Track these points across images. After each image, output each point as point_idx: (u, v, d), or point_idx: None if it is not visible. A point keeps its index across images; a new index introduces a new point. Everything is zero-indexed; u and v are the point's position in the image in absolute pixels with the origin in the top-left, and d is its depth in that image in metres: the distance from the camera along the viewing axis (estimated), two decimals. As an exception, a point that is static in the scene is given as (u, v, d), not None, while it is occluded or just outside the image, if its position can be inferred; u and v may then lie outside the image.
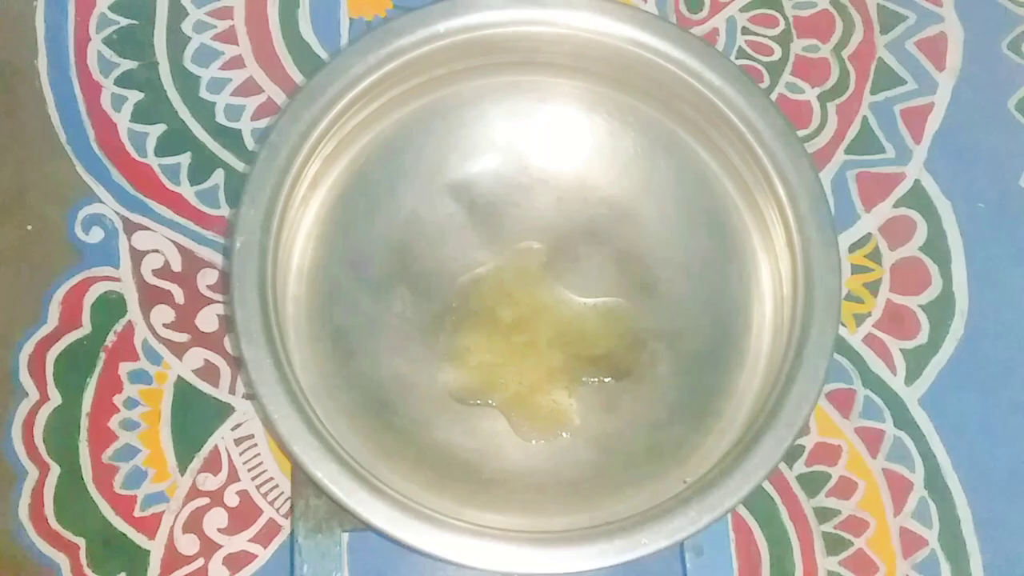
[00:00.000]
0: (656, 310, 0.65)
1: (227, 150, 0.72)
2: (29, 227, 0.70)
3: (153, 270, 0.69)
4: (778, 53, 0.75)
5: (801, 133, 0.73)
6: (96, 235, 0.70)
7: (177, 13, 0.74)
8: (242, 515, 0.65)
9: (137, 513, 0.65)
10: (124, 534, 0.65)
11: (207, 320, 0.69)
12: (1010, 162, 0.74)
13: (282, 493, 0.66)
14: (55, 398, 0.67)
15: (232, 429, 0.67)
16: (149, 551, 0.65)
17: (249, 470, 0.66)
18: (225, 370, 0.68)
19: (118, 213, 0.70)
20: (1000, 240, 0.72)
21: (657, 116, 0.65)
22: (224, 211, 0.70)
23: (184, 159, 0.71)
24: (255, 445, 0.66)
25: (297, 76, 0.73)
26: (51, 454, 0.66)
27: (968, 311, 0.70)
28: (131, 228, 0.70)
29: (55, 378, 0.67)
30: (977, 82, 0.75)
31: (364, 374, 0.62)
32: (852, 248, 0.71)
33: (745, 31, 0.75)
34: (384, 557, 0.62)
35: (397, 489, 0.55)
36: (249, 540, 0.65)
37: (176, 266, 0.69)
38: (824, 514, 0.66)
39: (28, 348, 0.67)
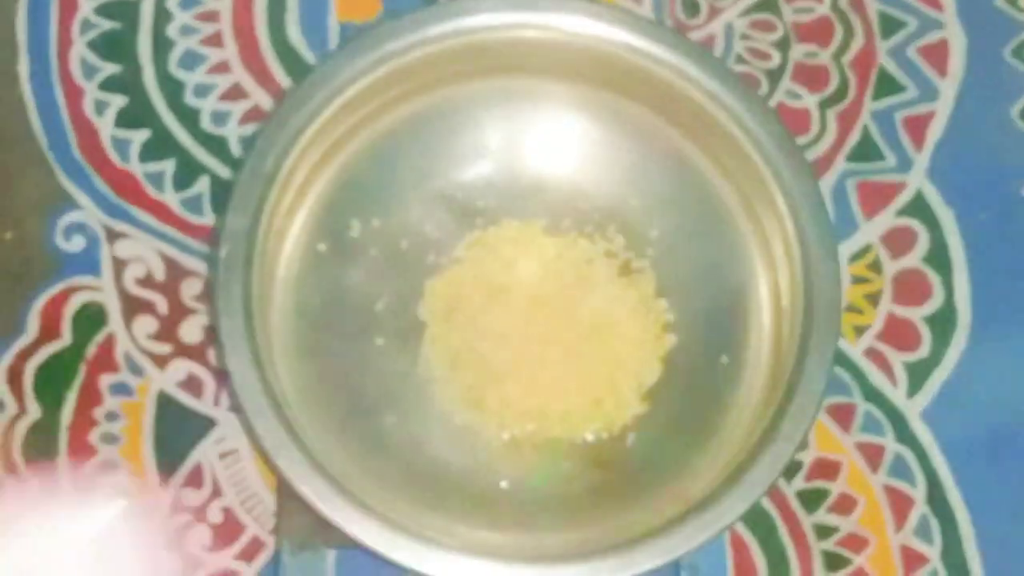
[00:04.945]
0: (652, 321, 0.65)
1: (213, 157, 0.71)
2: (8, 235, 0.69)
3: (136, 279, 0.68)
4: (777, 59, 0.74)
5: (800, 141, 0.72)
6: (77, 243, 0.69)
7: (162, 17, 0.73)
8: (226, 531, 0.64)
9: (118, 529, 0.64)
10: (104, 551, 0.64)
11: (191, 331, 0.67)
12: (1013, 171, 0.73)
13: (267, 509, 0.65)
14: (34, 411, 0.66)
15: (215, 443, 0.66)
16: (130, 569, 0.63)
17: (233, 485, 0.65)
18: (209, 382, 0.67)
19: (100, 221, 0.69)
20: (1003, 250, 0.71)
21: (653, 122, 0.65)
22: (209, 219, 0.70)
23: (168, 166, 0.70)
24: (239, 459, 0.65)
25: (284, 81, 0.72)
26: (30, 468, 0.65)
27: (971, 323, 0.70)
28: (113, 236, 0.69)
29: (34, 390, 0.66)
30: (980, 89, 0.74)
31: (352, 387, 0.62)
32: (852, 258, 0.71)
33: (743, 37, 0.75)
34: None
35: (386, 505, 0.54)
36: (233, 557, 0.64)
37: (159, 275, 0.68)
38: (823, 531, 0.66)
39: (6, 360, 0.66)
